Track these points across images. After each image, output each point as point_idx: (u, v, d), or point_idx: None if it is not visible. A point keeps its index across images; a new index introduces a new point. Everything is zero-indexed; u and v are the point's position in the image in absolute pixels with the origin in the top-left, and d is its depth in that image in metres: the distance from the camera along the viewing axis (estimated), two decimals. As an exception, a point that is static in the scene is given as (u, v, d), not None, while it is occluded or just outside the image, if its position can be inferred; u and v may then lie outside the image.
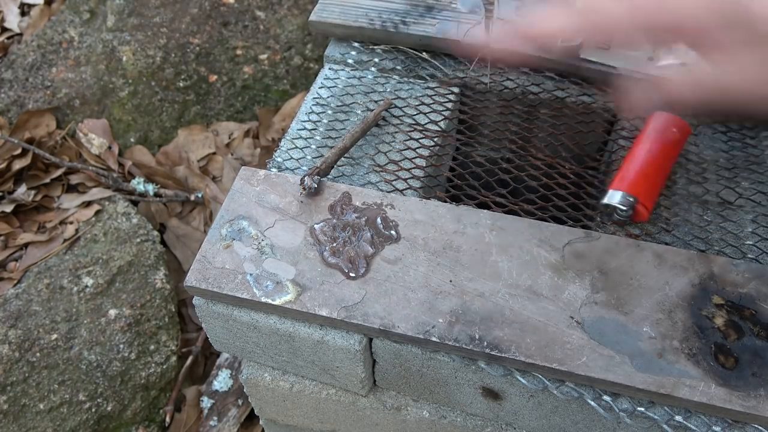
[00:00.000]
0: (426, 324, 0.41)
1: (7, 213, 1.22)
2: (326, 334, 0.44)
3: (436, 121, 0.56)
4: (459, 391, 0.45)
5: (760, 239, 0.47)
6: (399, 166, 0.52)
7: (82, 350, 1.01)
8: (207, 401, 1.06)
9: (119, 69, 1.41)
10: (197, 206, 1.33)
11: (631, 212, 0.46)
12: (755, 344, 0.40)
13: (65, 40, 1.45)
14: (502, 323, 0.41)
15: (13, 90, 1.40)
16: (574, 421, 0.43)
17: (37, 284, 1.08)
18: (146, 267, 1.13)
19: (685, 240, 0.47)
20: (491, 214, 0.47)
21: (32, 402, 0.96)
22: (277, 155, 0.53)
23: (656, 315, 0.41)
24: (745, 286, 0.42)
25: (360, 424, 0.54)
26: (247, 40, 1.47)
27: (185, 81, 1.42)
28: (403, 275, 0.43)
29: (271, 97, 1.46)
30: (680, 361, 0.39)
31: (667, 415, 0.40)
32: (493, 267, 0.44)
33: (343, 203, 0.48)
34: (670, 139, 0.51)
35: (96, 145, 1.36)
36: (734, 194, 0.50)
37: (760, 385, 0.38)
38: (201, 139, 1.41)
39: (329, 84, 0.59)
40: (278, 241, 0.45)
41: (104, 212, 1.22)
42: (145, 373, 1.03)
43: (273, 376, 0.52)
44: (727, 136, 0.55)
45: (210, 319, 0.47)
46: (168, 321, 1.09)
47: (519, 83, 0.59)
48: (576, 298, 0.42)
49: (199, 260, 0.45)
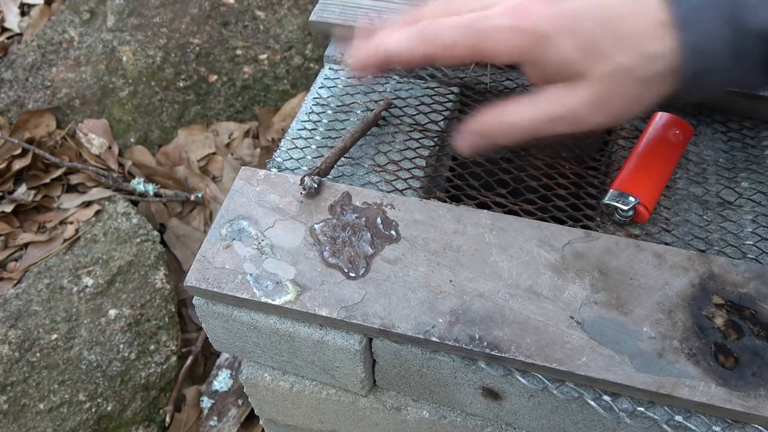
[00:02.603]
0: (426, 324, 0.41)
1: (7, 213, 1.22)
2: (326, 334, 0.44)
3: (436, 121, 0.56)
4: (459, 391, 0.45)
5: (760, 239, 0.47)
6: (399, 166, 0.52)
7: (82, 350, 1.01)
8: (207, 401, 1.06)
9: (119, 69, 1.41)
10: (197, 206, 1.33)
11: (632, 213, 0.47)
12: (755, 344, 0.40)
13: (65, 40, 1.45)
14: (502, 323, 0.41)
15: (13, 90, 1.40)
16: (574, 421, 0.43)
17: (37, 284, 1.08)
18: (146, 267, 1.13)
19: (685, 240, 0.47)
20: (491, 214, 0.47)
21: (32, 402, 0.96)
22: (277, 155, 0.53)
23: (656, 315, 0.41)
24: (745, 286, 0.42)
25: (360, 424, 0.54)
26: (247, 40, 1.47)
27: (185, 81, 1.42)
28: (403, 275, 0.43)
29: (271, 97, 1.46)
30: (680, 361, 0.39)
31: (667, 415, 0.40)
32: (493, 267, 0.44)
33: (343, 203, 0.48)
34: (671, 140, 0.51)
35: (96, 145, 1.36)
36: (734, 194, 0.50)
37: (760, 385, 0.38)
38: (201, 139, 1.41)
39: (329, 84, 0.59)
40: (278, 241, 0.45)
41: (104, 212, 1.22)
42: (145, 373, 1.03)
43: (273, 376, 0.52)
44: (727, 136, 0.55)
45: (210, 319, 0.47)
46: (168, 321, 1.09)
47: (519, 83, 0.59)
48: (576, 298, 0.42)
49: (199, 260, 0.45)
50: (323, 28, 0.62)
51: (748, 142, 0.54)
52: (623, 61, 0.39)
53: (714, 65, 0.39)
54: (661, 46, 0.38)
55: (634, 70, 0.39)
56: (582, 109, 0.41)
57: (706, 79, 0.40)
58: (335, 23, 0.61)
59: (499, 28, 0.40)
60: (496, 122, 0.44)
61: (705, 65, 0.39)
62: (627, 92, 0.40)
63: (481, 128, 0.44)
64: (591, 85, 0.40)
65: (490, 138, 0.45)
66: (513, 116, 0.43)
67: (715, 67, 0.39)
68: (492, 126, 0.44)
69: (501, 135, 0.44)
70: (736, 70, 0.40)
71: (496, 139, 0.45)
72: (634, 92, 0.40)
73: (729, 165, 0.52)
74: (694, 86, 0.41)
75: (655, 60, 0.39)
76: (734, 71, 0.40)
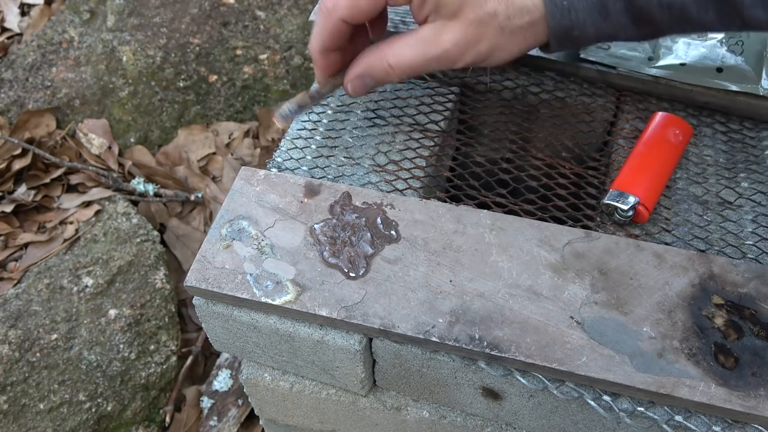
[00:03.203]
0: (426, 324, 0.41)
1: (7, 213, 1.22)
2: (326, 334, 0.44)
3: (436, 121, 0.56)
4: (459, 391, 0.45)
5: (760, 239, 0.47)
6: (399, 166, 0.52)
7: (82, 350, 1.01)
8: (207, 401, 1.06)
9: (119, 69, 1.41)
10: (197, 206, 1.33)
11: (632, 213, 0.47)
12: (755, 344, 0.40)
13: (65, 40, 1.45)
14: (502, 323, 0.41)
15: (13, 90, 1.40)
16: (574, 421, 0.43)
17: (37, 284, 1.08)
18: (146, 267, 1.13)
19: (685, 240, 0.47)
20: (491, 214, 0.47)
21: (32, 402, 0.96)
22: (277, 155, 0.53)
23: (656, 315, 0.41)
24: (745, 286, 0.42)
25: (360, 424, 0.54)
26: (247, 40, 1.47)
27: (185, 81, 1.42)
28: (403, 275, 0.43)
29: (271, 97, 1.46)
30: (680, 361, 0.39)
31: (667, 415, 0.40)
32: (493, 267, 0.44)
33: (343, 203, 0.48)
34: (671, 140, 0.51)
35: (96, 145, 1.36)
36: (734, 194, 0.50)
37: (760, 385, 0.38)
38: (201, 139, 1.41)
39: (329, 84, 0.59)
40: (278, 241, 0.45)
41: (104, 212, 1.22)
42: (145, 373, 1.03)
43: (273, 376, 0.52)
44: (727, 137, 0.55)
45: (210, 319, 0.47)
46: (168, 321, 1.09)
47: (519, 83, 0.59)
48: (576, 298, 0.42)
49: (199, 260, 0.45)
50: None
51: (748, 142, 0.54)
52: (492, 7, 0.42)
53: (579, 19, 0.43)
54: (528, 1, 0.42)
55: (500, 18, 0.42)
56: (453, 50, 0.44)
57: (575, 33, 0.44)
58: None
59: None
60: (378, 65, 0.46)
61: (571, 19, 0.43)
62: (493, 39, 0.43)
63: (366, 71, 0.47)
64: (461, 26, 0.43)
65: (376, 80, 0.47)
66: (394, 59, 0.45)
67: (581, 21, 0.43)
68: (376, 69, 0.46)
69: (385, 76, 0.46)
70: (604, 24, 0.43)
71: (381, 81, 0.47)
72: (500, 40, 0.43)
73: (729, 165, 0.52)
74: (565, 39, 0.44)
75: (521, 12, 0.43)
76: (603, 24, 0.43)
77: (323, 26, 0.45)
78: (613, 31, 0.44)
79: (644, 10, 0.42)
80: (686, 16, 0.42)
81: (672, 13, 0.42)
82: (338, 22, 0.44)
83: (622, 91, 0.58)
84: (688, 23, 0.43)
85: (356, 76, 0.47)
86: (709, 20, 0.42)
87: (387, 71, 0.46)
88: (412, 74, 0.46)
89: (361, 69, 0.47)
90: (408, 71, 0.46)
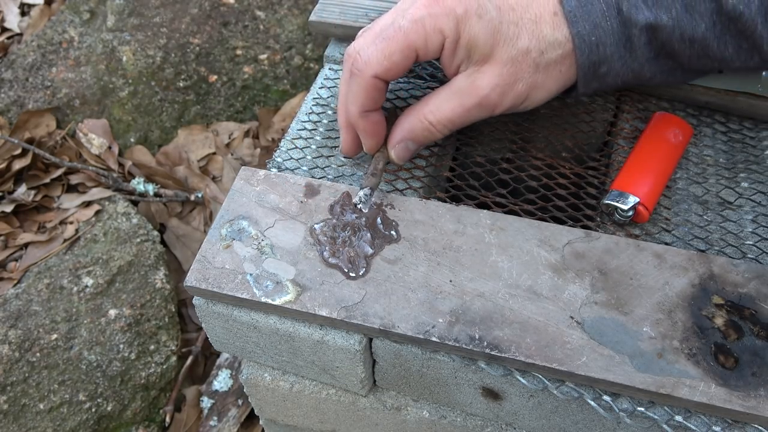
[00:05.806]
0: (426, 324, 0.41)
1: (7, 213, 1.22)
2: (326, 334, 0.44)
3: (436, 121, 0.56)
4: (459, 391, 0.45)
5: (760, 239, 0.47)
6: (399, 166, 0.52)
7: (82, 350, 1.01)
8: (207, 401, 1.06)
9: (119, 69, 1.41)
10: (197, 206, 1.33)
11: (632, 213, 0.47)
12: (755, 344, 0.40)
13: (65, 40, 1.45)
14: (502, 323, 0.41)
15: (13, 90, 1.40)
16: (574, 421, 0.43)
17: (37, 284, 1.08)
18: (146, 267, 1.13)
19: (685, 240, 0.47)
20: (491, 214, 0.47)
21: (32, 402, 0.96)
22: (277, 155, 0.53)
23: (656, 315, 0.41)
24: (745, 286, 0.42)
25: (360, 424, 0.54)
26: (247, 40, 1.47)
27: (185, 81, 1.42)
28: (403, 275, 0.43)
29: (271, 97, 1.46)
30: (680, 361, 0.39)
31: (667, 415, 0.40)
32: (493, 267, 0.44)
33: (343, 203, 0.48)
34: (671, 140, 0.51)
35: (96, 145, 1.36)
36: (734, 194, 0.50)
37: (760, 385, 0.38)
38: (201, 139, 1.41)
39: (329, 84, 0.59)
40: (278, 241, 0.45)
41: (104, 212, 1.22)
42: (145, 373, 1.03)
43: (273, 376, 0.52)
44: (727, 137, 0.55)
45: (210, 319, 0.47)
46: (168, 321, 1.09)
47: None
48: (576, 298, 0.42)
49: (199, 260, 0.45)
50: (323, 28, 0.62)
51: (748, 142, 0.54)
52: (524, 44, 0.41)
53: (607, 54, 0.42)
54: (559, 34, 0.42)
55: (533, 54, 0.42)
56: (492, 95, 0.43)
57: (602, 69, 0.43)
58: (335, 23, 0.61)
59: (420, 19, 0.42)
60: (419, 126, 0.45)
61: (598, 53, 0.42)
62: (529, 77, 0.43)
63: (408, 135, 0.46)
64: (496, 68, 0.42)
65: (418, 142, 0.46)
66: (433, 116, 0.44)
67: (608, 56, 0.43)
68: (417, 131, 0.46)
69: (428, 136, 0.46)
70: (630, 59, 0.43)
71: (423, 141, 0.47)
72: (536, 77, 0.43)
73: (729, 165, 0.52)
74: (592, 75, 0.44)
75: (553, 46, 0.42)
76: (628, 60, 0.43)
77: (358, 88, 0.44)
78: (638, 67, 0.44)
79: (666, 43, 0.42)
80: (706, 50, 0.42)
81: (693, 47, 0.42)
82: (372, 80, 0.43)
83: (622, 91, 0.58)
84: (708, 57, 0.43)
85: (398, 141, 0.46)
86: (728, 55, 0.43)
87: (429, 130, 0.45)
88: (454, 128, 0.45)
89: (402, 134, 0.46)
90: (450, 125, 0.44)
